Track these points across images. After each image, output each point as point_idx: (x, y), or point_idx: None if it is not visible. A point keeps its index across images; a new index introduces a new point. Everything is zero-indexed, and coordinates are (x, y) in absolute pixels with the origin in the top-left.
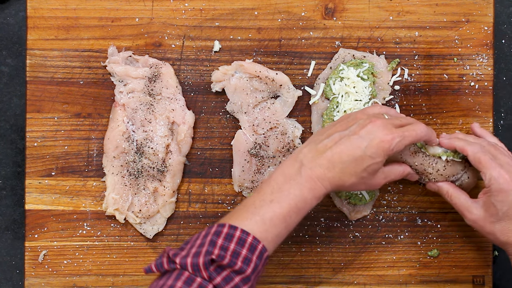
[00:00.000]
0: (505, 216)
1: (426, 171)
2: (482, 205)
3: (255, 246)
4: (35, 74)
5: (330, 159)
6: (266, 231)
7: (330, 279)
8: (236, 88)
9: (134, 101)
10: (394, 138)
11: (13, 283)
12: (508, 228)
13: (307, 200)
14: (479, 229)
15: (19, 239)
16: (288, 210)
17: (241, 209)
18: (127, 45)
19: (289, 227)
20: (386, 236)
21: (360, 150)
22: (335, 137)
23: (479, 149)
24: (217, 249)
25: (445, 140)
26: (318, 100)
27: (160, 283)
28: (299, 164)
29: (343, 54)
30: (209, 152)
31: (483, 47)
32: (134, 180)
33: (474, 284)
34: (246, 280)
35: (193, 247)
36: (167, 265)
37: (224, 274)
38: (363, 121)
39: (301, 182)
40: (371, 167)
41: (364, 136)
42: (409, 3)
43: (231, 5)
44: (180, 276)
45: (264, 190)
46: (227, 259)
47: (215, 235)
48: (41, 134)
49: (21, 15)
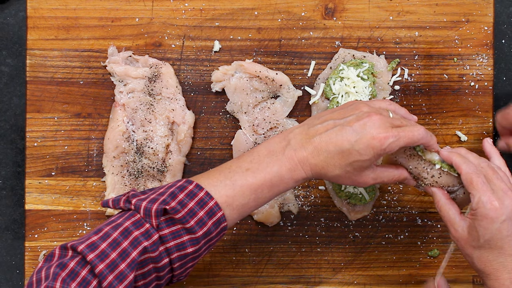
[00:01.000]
0: (486, 244)
1: (421, 175)
2: (467, 226)
3: (215, 212)
4: (35, 74)
5: (317, 146)
6: (232, 197)
7: (330, 279)
8: (236, 88)
9: (134, 101)
10: (388, 137)
11: (13, 283)
12: (486, 257)
13: (283, 179)
14: (460, 248)
15: (19, 239)
16: (261, 182)
17: (215, 171)
18: (127, 45)
19: (258, 201)
20: (386, 236)
21: (348, 143)
22: (329, 124)
23: (473, 170)
24: (174, 202)
25: (445, 152)
26: (318, 100)
27: (111, 219)
28: (286, 143)
29: (343, 54)
30: (209, 152)
31: (483, 47)
32: (134, 180)
33: (474, 284)
34: (195, 242)
35: (154, 194)
36: (122, 203)
37: (173, 228)
38: (361, 114)
39: (282, 159)
40: (357, 163)
41: (357, 130)
42: (409, 3)
43: (231, 5)
44: (131, 217)
45: (244, 158)
46: (180, 214)
47: (178, 189)
48: (41, 134)
49: (21, 15)
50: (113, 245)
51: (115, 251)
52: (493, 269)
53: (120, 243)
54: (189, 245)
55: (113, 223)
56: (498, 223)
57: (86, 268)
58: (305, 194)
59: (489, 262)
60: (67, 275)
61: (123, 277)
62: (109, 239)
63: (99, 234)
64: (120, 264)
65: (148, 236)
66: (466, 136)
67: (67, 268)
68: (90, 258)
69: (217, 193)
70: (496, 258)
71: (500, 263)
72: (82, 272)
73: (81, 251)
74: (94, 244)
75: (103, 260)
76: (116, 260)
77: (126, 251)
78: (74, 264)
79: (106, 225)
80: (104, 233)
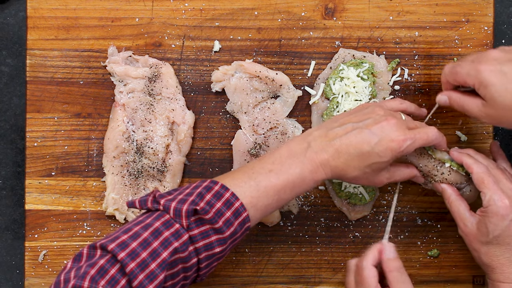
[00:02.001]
0: (494, 240)
1: (431, 173)
2: (477, 222)
3: (240, 212)
4: (35, 74)
5: (337, 148)
6: (257, 197)
7: (330, 279)
8: (236, 88)
9: (134, 101)
10: (406, 140)
11: (13, 283)
12: (493, 252)
13: (305, 180)
14: (468, 242)
15: (19, 239)
16: (284, 183)
17: (239, 172)
18: (127, 45)
19: (280, 201)
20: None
21: (368, 146)
22: (348, 127)
23: (484, 170)
24: (203, 203)
25: (456, 153)
26: (318, 100)
27: (139, 219)
28: (306, 145)
29: (343, 54)
30: (209, 152)
31: (483, 47)
32: (134, 180)
33: (474, 284)
34: (222, 242)
35: (181, 194)
36: (150, 203)
37: (203, 228)
38: (378, 117)
39: (304, 161)
40: (376, 165)
41: (376, 132)
42: (409, 3)
43: (231, 5)
44: (160, 218)
45: (266, 159)
46: (210, 215)
47: (205, 189)
48: (41, 134)
49: (21, 15)
50: (144, 244)
51: (145, 251)
52: (500, 264)
53: (151, 243)
54: (216, 245)
55: (142, 223)
56: (508, 220)
57: (115, 267)
58: (305, 194)
59: (496, 257)
60: (96, 272)
61: (153, 276)
62: (139, 239)
63: (129, 233)
64: (151, 264)
65: (178, 237)
66: (466, 136)
67: (96, 266)
68: (121, 256)
69: (242, 194)
70: (503, 253)
71: (506, 258)
72: (111, 270)
73: (112, 250)
74: (125, 243)
75: (134, 259)
76: (147, 260)
77: (157, 251)
78: (104, 262)
79: (135, 225)
80: (134, 233)
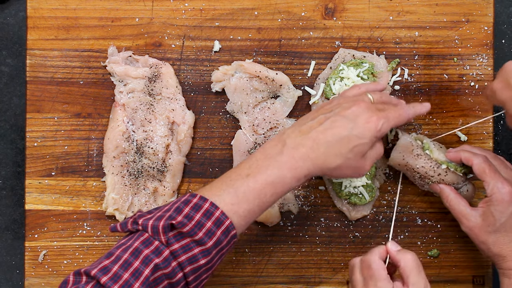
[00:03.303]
0: (502, 228)
1: (428, 174)
2: (481, 214)
3: (222, 221)
4: (35, 74)
5: (315, 139)
6: (237, 204)
7: (330, 279)
8: (236, 88)
9: (134, 101)
10: (380, 119)
11: (13, 283)
12: (502, 240)
13: (285, 179)
14: (474, 237)
15: (19, 239)
16: (263, 186)
17: (217, 182)
18: (127, 45)
19: (263, 205)
20: (386, 236)
21: (346, 130)
22: (321, 119)
23: (484, 160)
24: (181, 217)
25: (452, 153)
26: (318, 100)
27: (120, 242)
28: (281, 144)
29: (343, 54)
30: (209, 152)
31: (483, 47)
32: (134, 180)
33: (474, 284)
34: (206, 253)
35: (160, 211)
36: (130, 225)
37: (183, 242)
38: (347, 104)
39: (281, 160)
40: (358, 148)
41: (349, 117)
42: (409, 3)
43: (231, 5)
44: (140, 237)
45: (242, 166)
46: (188, 227)
47: (183, 203)
48: (41, 134)
49: (21, 15)
50: (125, 266)
51: (127, 272)
52: (510, 251)
53: (132, 263)
54: (200, 257)
55: (123, 246)
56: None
57: None
58: (305, 194)
59: (505, 244)
60: None
61: None
62: (120, 261)
63: (111, 258)
64: (134, 284)
65: (158, 253)
66: (466, 136)
67: None
68: (104, 280)
69: (221, 202)
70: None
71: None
72: None
73: (95, 275)
74: (107, 268)
75: (117, 281)
76: (130, 280)
77: (139, 270)
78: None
79: (116, 248)
80: (116, 257)
